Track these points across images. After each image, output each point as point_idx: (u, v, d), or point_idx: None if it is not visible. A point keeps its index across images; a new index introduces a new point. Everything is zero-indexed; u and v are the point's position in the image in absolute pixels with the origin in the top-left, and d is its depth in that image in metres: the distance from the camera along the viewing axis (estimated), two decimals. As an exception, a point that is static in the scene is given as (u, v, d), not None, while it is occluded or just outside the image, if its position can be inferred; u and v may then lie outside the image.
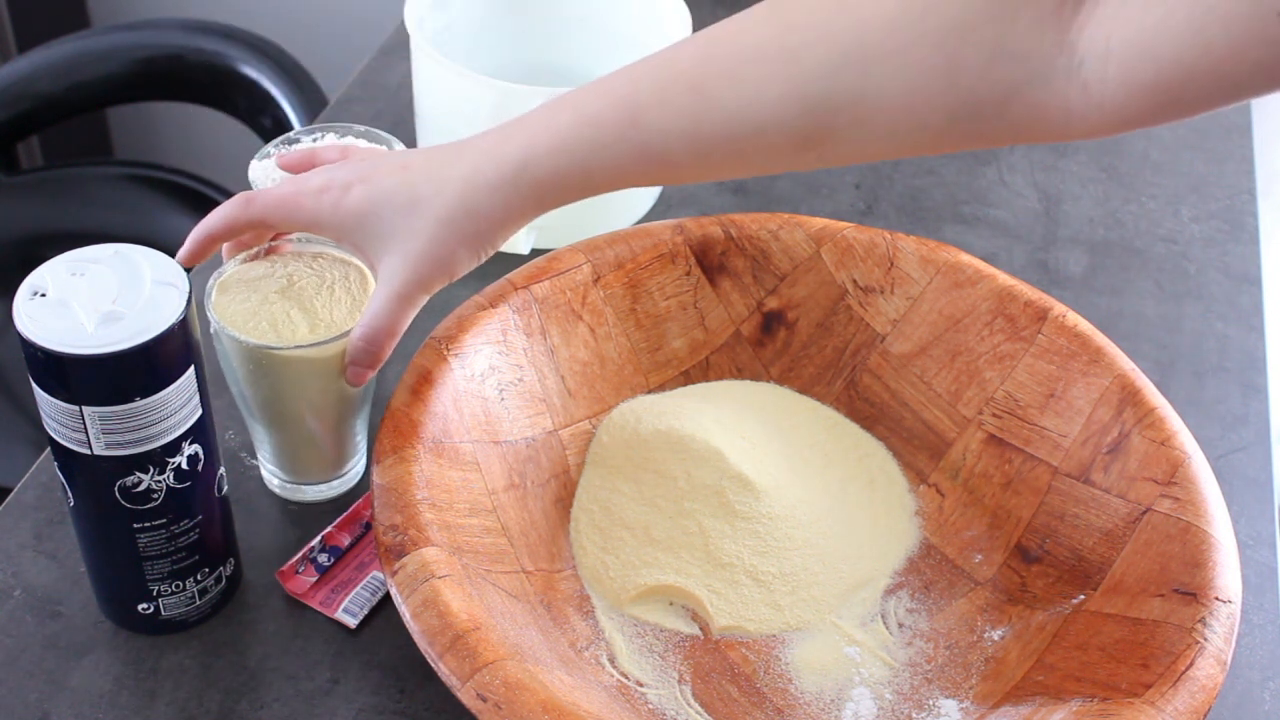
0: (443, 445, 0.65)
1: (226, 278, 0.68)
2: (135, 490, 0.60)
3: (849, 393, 0.76)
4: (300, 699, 0.64)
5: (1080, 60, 0.52)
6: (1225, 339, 0.88)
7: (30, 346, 0.55)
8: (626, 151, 0.60)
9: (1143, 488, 0.66)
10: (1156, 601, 0.62)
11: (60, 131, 1.73)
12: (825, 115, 0.57)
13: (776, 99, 0.57)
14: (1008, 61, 0.54)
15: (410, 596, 0.58)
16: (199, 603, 0.66)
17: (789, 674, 0.66)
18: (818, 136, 0.58)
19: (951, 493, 0.73)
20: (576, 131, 0.60)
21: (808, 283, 0.77)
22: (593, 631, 0.66)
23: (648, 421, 0.71)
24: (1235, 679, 0.69)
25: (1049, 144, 1.04)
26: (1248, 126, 1.07)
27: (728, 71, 0.58)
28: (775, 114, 0.57)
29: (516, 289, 0.72)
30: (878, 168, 1.00)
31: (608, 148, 0.60)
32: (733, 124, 0.58)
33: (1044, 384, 0.72)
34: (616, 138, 0.59)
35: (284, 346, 0.65)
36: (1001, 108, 0.55)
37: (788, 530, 0.68)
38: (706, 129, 0.59)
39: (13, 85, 1.43)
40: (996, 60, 0.54)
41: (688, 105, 0.59)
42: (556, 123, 0.60)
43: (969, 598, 0.69)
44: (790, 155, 0.59)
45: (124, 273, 0.58)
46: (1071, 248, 0.95)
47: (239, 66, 1.40)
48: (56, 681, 0.65)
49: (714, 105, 0.58)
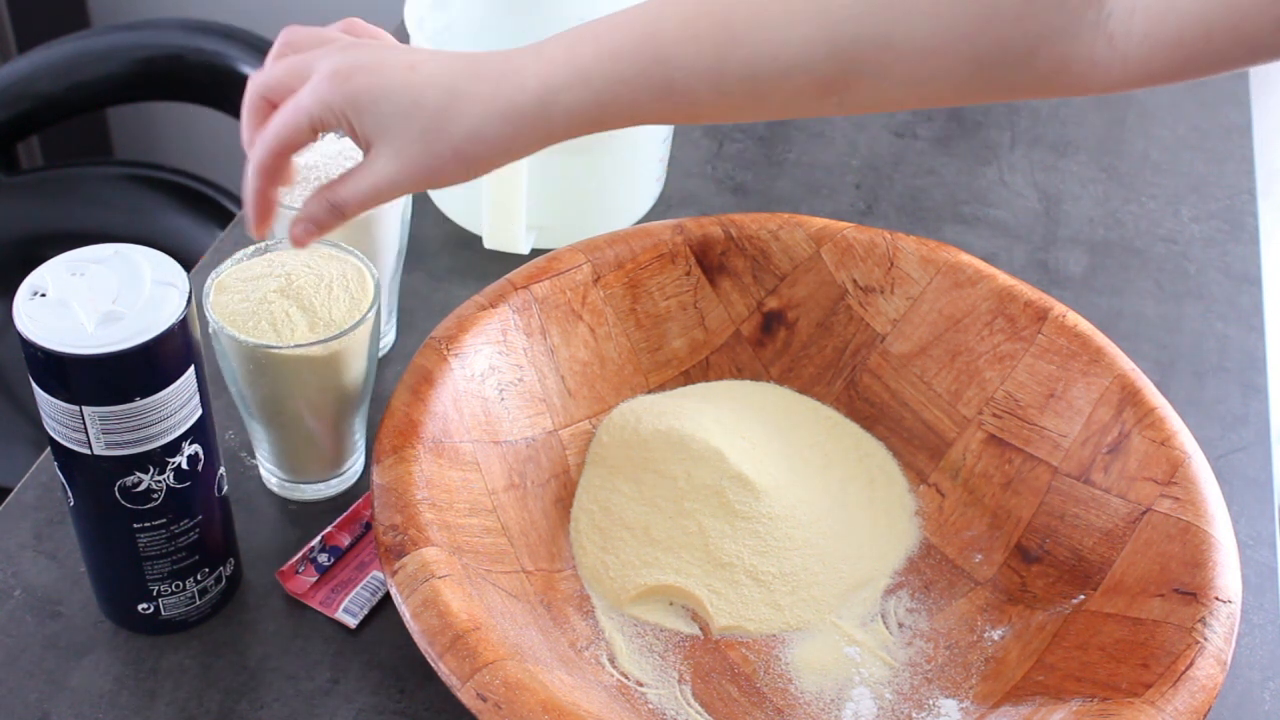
0: (443, 445, 0.65)
1: (225, 277, 0.68)
2: (135, 490, 0.60)
3: (849, 393, 0.76)
4: (300, 699, 0.65)
5: (1108, 12, 0.53)
6: (1225, 339, 0.88)
7: (30, 346, 0.55)
8: (647, 87, 0.58)
9: (1143, 488, 0.66)
10: (1156, 601, 0.62)
11: (60, 131, 1.73)
12: (851, 59, 0.56)
13: (803, 40, 0.56)
14: (1038, 11, 0.54)
15: (410, 596, 0.58)
16: (199, 603, 0.66)
17: (789, 674, 0.66)
18: (842, 81, 0.57)
19: (951, 493, 0.73)
20: (598, 65, 0.58)
21: (808, 283, 0.77)
22: (593, 631, 0.66)
23: (648, 421, 0.71)
24: (1235, 679, 0.69)
25: (1049, 143, 1.04)
26: (1248, 126, 1.07)
27: (755, 10, 0.57)
28: (801, 55, 0.56)
29: (516, 289, 0.72)
30: (878, 168, 1.00)
31: (628, 83, 0.58)
32: (758, 64, 0.57)
33: (1044, 384, 0.72)
34: (638, 73, 0.58)
35: (283, 346, 0.65)
36: (1027, 58, 0.55)
37: (788, 530, 0.68)
38: (731, 67, 0.57)
39: (13, 85, 1.43)
40: (1027, 10, 0.54)
41: (713, 43, 0.57)
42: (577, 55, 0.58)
43: (969, 598, 0.69)
44: (811, 99, 0.58)
45: (124, 273, 0.58)
46: (1071, 248, 0.95)
47: (239, 66, 1.40)
48: (56, 681, 0.65)
49: (740, 44, 0.57)
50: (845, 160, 1.01)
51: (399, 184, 0.60)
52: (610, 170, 0.89)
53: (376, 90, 0.59)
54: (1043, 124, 1.06)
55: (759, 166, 1.00)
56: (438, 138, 0.59)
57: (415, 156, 0.59)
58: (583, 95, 0.58)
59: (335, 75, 0.59)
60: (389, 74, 0.59)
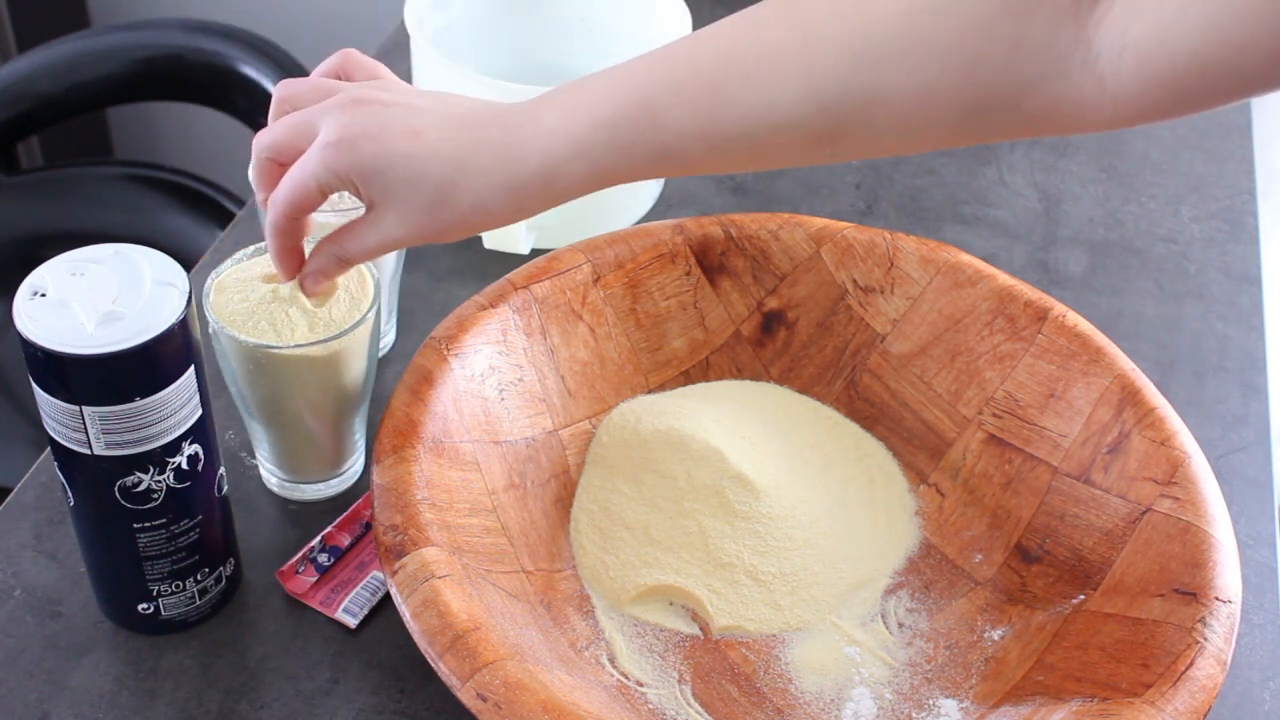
0: (443, 445, 0.65)
1: (225, 277, 0.68)
2: (135, 490, 0.60)
3: (849, 393, 0.76)
4: (300, 699, 0.65)
5: (1096, 54, 0.53)
6: (1225, 339, 0.88)
7: (30, 346, 0.55)
8: (644, 152, 0.60)
9: (1143, 488, 0.66)
10: (1156, 601, 0.62)
11: (60, 131, 1.73)
12: (841, 115, 0.57)
13: (793, 99, 0.57)
14: (1025, 57, 0.54)
15: (410, 596, 0.58)
16: (199, 603, 0.66)
17: (789, 674, 0.66)
18: (833, 135, 0.58)
19: (951, 493, 0.73)
20: (595, 135, 0.59)
21: (808, 283, 0.77)
22: (593, 631, 0.66)
23: (648, 421, 0.71)
24: (1235, 679, 0.69)
25: (1049, 143, 1.04)
26: (1248, 126, 1.07)
27: (744, 71, 0.58)
28: (791, 114, 0.57)
29: (516, 289, 0.72)
30: (878, 168, 1.00)
31: (624, 150, 0.60)
32: (749, 123, 0.58)
33: (1044, 384, 0.72)
34: (634, 140, 0.59)
35: (283, 346, 0.65)
36: (1017, 102, 0.55)
37: (788, 530, 0.68)
38: (723, 128, 0.58)
39: (13, 85, 1.43)
40: (1013, 56, 0.54)
41: (705, 106, 0.58)
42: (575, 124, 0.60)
43: (969, 598, 0.69)
44: (806, 152, 0.60)
45: (124, 273, 0.58)
46: (1071, 248, 0.95)
47: (239, 66, 1.40)
48: (56, 681, 0.65)
49: (731, 105, 0.58)
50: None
51: (403, 243, 0.62)
52: (610, 170, 0.89)
53: (381, 160, 0.60)
54: (1043, 124, 1.06)
55: (759, 166, 0.99)
56: (444, 209, 0.61)
57: (421, 223, 0.61)
58: (583, 166, 0.60)
59: (340, 144, 0.60)
60: (392, 142, 0.60)
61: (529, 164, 0.60)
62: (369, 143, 0.60)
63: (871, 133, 0.58)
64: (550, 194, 0.61)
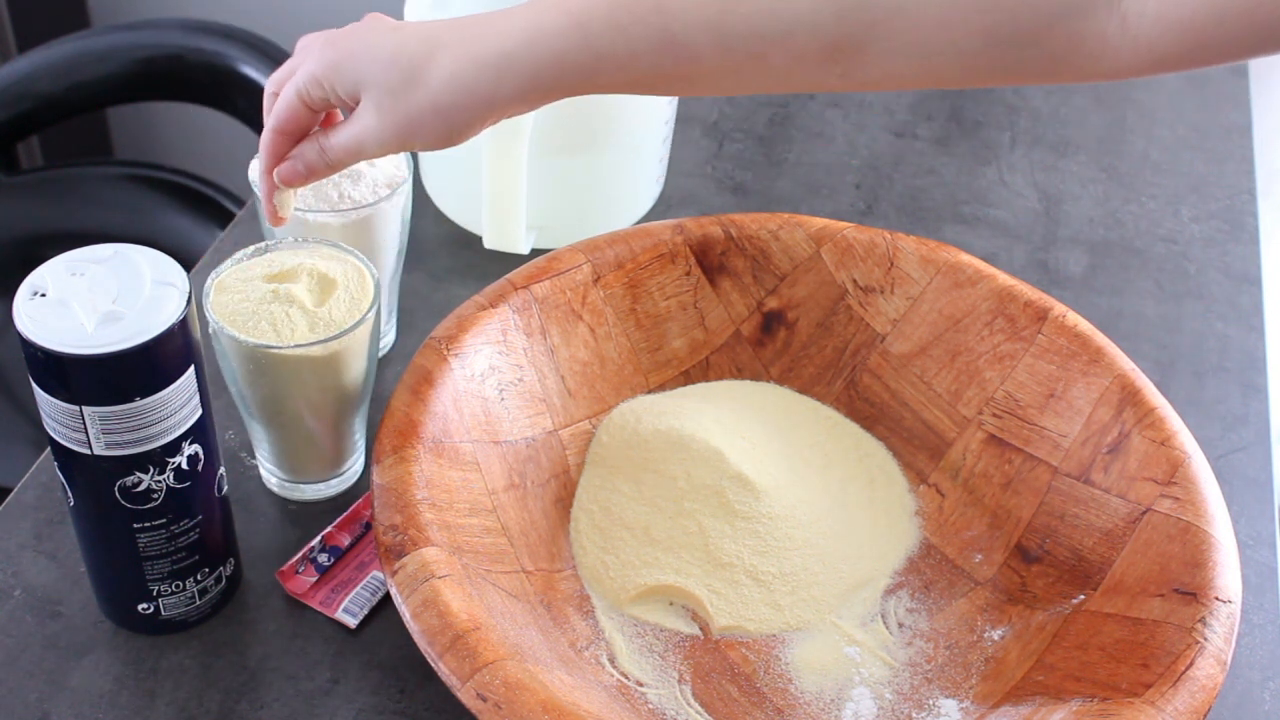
0: (443, 445, 0.65)
1: (225, 277, 0.68)
2: (135, 490, 0.60)
3: (849, 393, 0.76)
4: (300, 699, 0.65)
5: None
6: (1225, 339, 0.88)
7: (30, 346, 0.55)
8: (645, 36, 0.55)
9: (1143, 488, 0.66)
10: (1156, 601, 0.62)
11: (60, 131, 1.73)
12: (859, 22, 0.55)
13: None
14: None
15: (410, 596, 0.58)
16: (199, 603, 0.66)
17: (789, 674, 0.66)
18: (847, 47, 0.56)
19: (951, 493, 0.73)
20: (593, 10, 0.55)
21: (808, 283, 0.77)
22: (593, 631, 0.66)
23: (648, 421, 0.71)
24: (1235, 679, 0.69)
25: (1049, 143, 1.04)
26: (1248, 126, 1.07)
27: None
28: (807, 13, 0.55)
29: (516, 289, 0.72)
30: (878, 168, 1.00)
31: (624, 30, 0.55)
32: (762, 19, 0.55)
33: (1044, 384, 0.72)
34: (636, 19, 0.55)
35: (283, 346, 0.65)
36: (1040, 35, 0.54)
37: (788, 530, 0.68)
38: (734, 20, 0.55)
39: (13, 85, 1.43)
40: None
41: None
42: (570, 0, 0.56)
43: (969, 598, 0.69)
44: (815, 67, 0.57)
45: (124, 273, 0.58)
46: (1071, 248, 0.95)
47: (239, 66, 1.40)
48: (56, 681, 0.65)
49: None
50: (845, 160, 1.01)
51: (381, 138, 0.59)
52: (610, 170, 0.89)
53: (359, 50, 0.58)
54: (1043, 124, 1.06)
55: (759, 166, 1.00)
56: (416, 86, 0.57)
57: (393, 107, 0.58)
58: (576, 41, 0.55)
59: (323, 48, 0.60)
60: (373, 36, 0.59)
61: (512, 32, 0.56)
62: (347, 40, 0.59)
63: (888, 51, 0.56)
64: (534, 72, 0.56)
